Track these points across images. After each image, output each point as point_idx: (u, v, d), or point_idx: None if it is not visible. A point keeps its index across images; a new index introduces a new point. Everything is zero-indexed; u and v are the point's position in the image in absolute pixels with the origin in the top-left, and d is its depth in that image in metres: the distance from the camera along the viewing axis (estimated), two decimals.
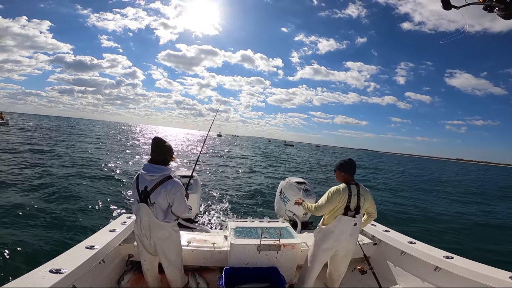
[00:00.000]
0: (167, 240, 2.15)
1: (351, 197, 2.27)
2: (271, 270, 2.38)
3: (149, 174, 2.06)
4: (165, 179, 2.07)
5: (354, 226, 2.31)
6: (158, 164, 2.11)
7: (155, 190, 2.04)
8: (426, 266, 2.51)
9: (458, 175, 35.48)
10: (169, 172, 2.12)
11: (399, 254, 2.80)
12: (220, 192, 8.91)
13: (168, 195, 2.05)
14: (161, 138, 2.22)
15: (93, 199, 6.76)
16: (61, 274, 1.67)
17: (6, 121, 33.28)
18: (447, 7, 1.60)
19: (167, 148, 2.18)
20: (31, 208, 5.66)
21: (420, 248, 2.63)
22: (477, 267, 2.20)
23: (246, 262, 2.43)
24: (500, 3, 1.39)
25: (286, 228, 2.87)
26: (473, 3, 1.50)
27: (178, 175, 3.77)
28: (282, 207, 4.08)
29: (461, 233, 7.07)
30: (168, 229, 2.13)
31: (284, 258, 2.50)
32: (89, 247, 2.09)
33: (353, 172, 2.39)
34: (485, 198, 14.59)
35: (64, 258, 1.89)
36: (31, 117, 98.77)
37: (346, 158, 2.44)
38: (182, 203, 2.12)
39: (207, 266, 2.74)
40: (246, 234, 2.67)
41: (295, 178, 4.21)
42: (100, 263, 2.19)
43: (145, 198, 2.06)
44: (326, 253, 2.40)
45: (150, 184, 2.05)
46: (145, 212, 2.06)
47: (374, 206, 2.45)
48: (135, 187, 2.12)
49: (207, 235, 3.01)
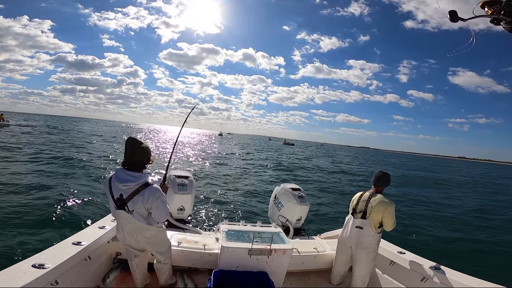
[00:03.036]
0: (155, 237, 2.12)
1: (359, 201, 2.70)
2: (261, 275, 2.35)
3: (122, 184, 1.89)
4: (141, 187, 1.92)
5: (356, 228, 2.63)
6: (133, 170, 1.94)
7: (132, 199, 1.91)
8: (413, 276, 2.54)
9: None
10: (146, 179, 1.97)
11: (388, 263, 2.82)
12: (214, 194, 8.85)
13: (146, 204, 1.93)
14: (136, 138, 2.02)
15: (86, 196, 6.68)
16: (44, 269, 1.63)
17: (7, 122, 32.83)
18: (454, 20, 1.62)
19: (143, 149, 1.99)
20: (23, 204, 5.58)
21: (409, 258, 2.65)
22: (464, 278, 2.25)
23: (236, 266, 2.40)
24: (508, 16, 1.41)
25: (278, 234, 2.85)
26: (481, 15, 1.52)
27: (173, 175, 3.74)
28: (275, 212, 4.06)
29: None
30: (153, 229, 2.07)
31: (275, 263, 2.48)
32: (76, 243, 2.05)
33: (374, 182, 2.75)
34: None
35: (49, 253, 1.85)
36: (32, 117, 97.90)
37: (379, 171, 2.79)
38: (162, 210, 2.01)
39: (196, 268, 2.70)
40: (237, 237, 2.65)
41: (290, 184, 4.20)
42: (86, 259, 2.14)
43: (121, 205, 1.94)
44: (340, 247, 2.82)
45: (125, 193, 1.91)
46: (126, 218, 1.96)
47: (391, 217, 2.58)
48: (108, 192, 1.96)
49: (198, 237, 2.98)
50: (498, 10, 1.42)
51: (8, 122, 33.24)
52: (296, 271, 2.90)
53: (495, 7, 1.44)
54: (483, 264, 5.38)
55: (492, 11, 1.45)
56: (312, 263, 2.98)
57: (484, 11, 1.50)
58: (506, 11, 1.39)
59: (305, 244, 3.12)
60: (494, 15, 1.45)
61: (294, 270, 2.86)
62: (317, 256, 2.96)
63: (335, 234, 3.62)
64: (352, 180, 17.41)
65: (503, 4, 1.40)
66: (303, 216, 3.95)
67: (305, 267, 2.95)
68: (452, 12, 1.61)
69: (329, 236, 3.70)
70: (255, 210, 7.79)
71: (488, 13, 1.48)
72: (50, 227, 4.81)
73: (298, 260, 2.84)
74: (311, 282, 2.94)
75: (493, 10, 1.44)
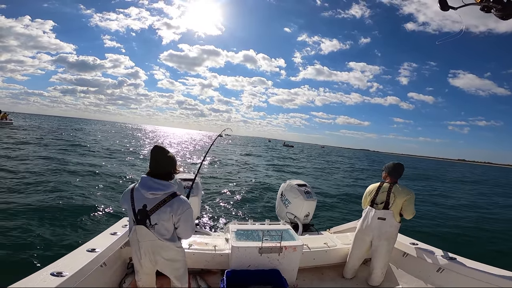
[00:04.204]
0: (175, 258, 1.91)
1: (379, 193, 2.69)
2: (273, 273, 2.37)
3: (150, 191, 1.74)
4: (169, 198, 1.77)
5: (378, 219, 2.62)
6: (160, 179, 1.79)
7: (158, 210, 1.74)
8: (429, 267, 2.51)
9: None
10: (174, 189, 1.83)
11: (401, 255, 2.81)
12: (221, 195, 8.89)
13: (175, 216, 1.78)
14: (163, 147, 1.87)
15: (99, 201, 6.76)
16: (62, 277, 1.67)
17: (10, 121, 33.70)
18: (444, 8, 1.61)
19: (170, 159, 1.85)
20: (30, 209, 5.66)
21: (423, 249, 2.64)
22: (481, 267, 2.21)
23: (247, 265, 2.42)
24: (497, 3, 1.40)
25: (287, 231, 2.86)
26: (470, 3, 1.51)
27: (178, 179, 3.76)
28: (283, 209, 4.07)
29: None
30: (174, 248, 1.87)
31: (286, 260, 2.49)
32: (90, 250, 2.09)
33: (391, 173, 2.74)
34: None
35: (65, 261, 1.89)
36: (34, 118, 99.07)
37: (395, 162, 2.79)
38: (189, 224, 1.85)
39: (209, 269, 2.73)
40: (247, 236, 2.67)
41: (296, 181, 4.21)
42: (101, 266, 2.18)
43: (142, 219, 1.76)
44: (357, 241, 2.80)
45: (150, 203, 1.75)
46: (145, 235, 1.77)
47: (411, 205, 2.59)
48: (129, 204, 1.79)
49: (208, 238, 3.00)
50: None
51: (11, 121, 34.16)
52: (308, 267, 2.91)
53: None
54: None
55: None
56: (324, 258, 2.99)
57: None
58: None
59: (315, 240, 3.13)
60: (484, 2, 1.44)
61: (306, 266, 2.86)
62: (328, 251, 2.97)
63: (345, 228, 3.62)
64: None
65: None
66: (311, 212, 3.95)
67: (316, 262, 2.96)
68: (442, 1, 1.59)
69: (338, 230, 3.70)
70: (262, 208, 7.81)
71: (478, 0, 1.47)
72: (58, 231, 4.88)
73: (309, 256, 2.85)
74: (324, 277, 2.95)
75: None
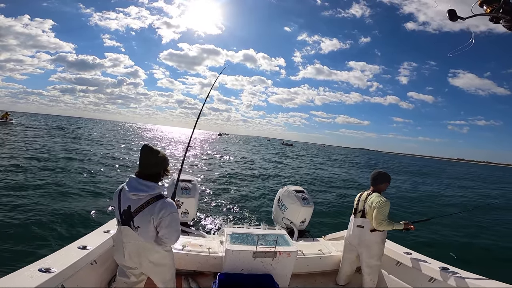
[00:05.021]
0: (161, 262, 1.82)
1: (359, 201, 2.77)
2: (266, 277, 2.35)
3: (133, 192, 1.66)
4: (153, 200, 1.67)
5: (357, 227, 2.70)
6: (147, 180, 1.70)
7: (140, 213, 1.66)
8: (421, 277, 2.50)
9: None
10: (160, 191, 1.73)
11: (394, 264, 2.79)
12: (217, 198, 8.85)
13: (155, 219, 1.66)
14: (152, 146, 1.76)
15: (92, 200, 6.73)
16: (50, 274, 1.65)
17: (10, 120, 34.36)
18: (453, 19, 1.63)
19: (160, 159, 1.75)
20: (28, 204, 5.64)
21: (416, 258, 2.63)
22: (473, 278, 2.21)
23: (240, 268, 2.40)
24: (506, 14, 1.42)
25: (283, 236, 2.84)
26: (480, 14, 1.53)
27: (173, 179, 3.74)
28: (279, 214, 4.06)
29: None
30: (161, 251, 1.78)
31: (279, 265, 2.47)
32: (82, 247, 2.07)
33: (370, 182, 2.80)
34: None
35: (55, 257, 1.87)
36: (34, 117, 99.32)
37: (375, 171, 2.83)
38: (173, 229, 1.71)
39: (201, 271, 2.71)
40: (242, 240, 2.65)
41: (293, 186, 4.20)
42: (91, 263, 2.16)
43: (127, 220, 1.69)
44: (345, 247, 2.86)
45: (134, 204, 1.67)
46: (130, 236, 1.70)
47: (377, 213, 2.56)
48: (116, 203, 1.74)
49: (202, 240, 2.99)
50: (497, 8, 1.43)
51: (11, 121, 34.84)
52: (301, 273, 2.89)
53: (493, 5, 1.45)
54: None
55: (490, 10, 1.46)
56: (318, 265, 2.97)
57: (483, 10, 1.51)
58: (505, 9, 1.40)
59: (310, 246, 3.11)
60: (493, 13, 1.46)
61: (299, 272, 2.85)
62: (322, 258, 2.95)
63: (340, 235, 3.60)
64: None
65: (501, 2, 1.41)
66: (307, 218, 3.94)
67: (310, 269, 2.94)
68: (451, 11, 1.62)
69: (334, 237, 3.68)
70: (258, 212, 7.77)
71: (487, 11, 1.49)
72: (51, 229, 4.85)
73: (303, 262, 2.83)
74: (317, 284, 2.92)
75: (492, 8, 1.45)
